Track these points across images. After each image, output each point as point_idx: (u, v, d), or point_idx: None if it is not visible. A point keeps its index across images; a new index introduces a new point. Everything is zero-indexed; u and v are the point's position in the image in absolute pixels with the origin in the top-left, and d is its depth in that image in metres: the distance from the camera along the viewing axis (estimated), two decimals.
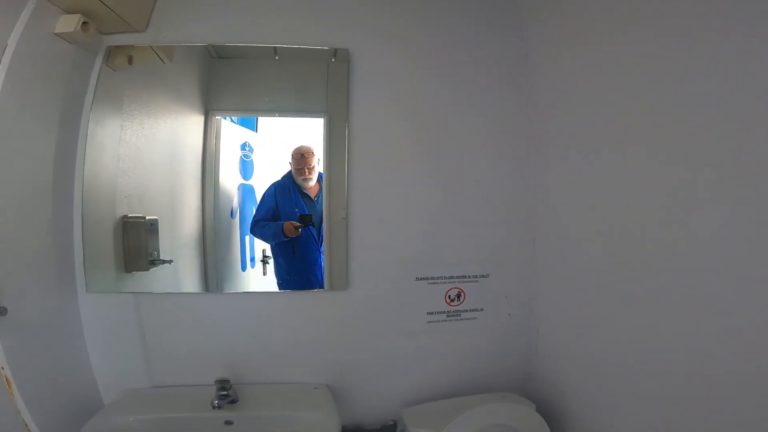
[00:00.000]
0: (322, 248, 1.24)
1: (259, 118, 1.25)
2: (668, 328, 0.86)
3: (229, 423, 1.05)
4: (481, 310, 1.35)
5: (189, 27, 1.19)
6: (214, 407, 1.03)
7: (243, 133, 1.24)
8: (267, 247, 1.25)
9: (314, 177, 1.23)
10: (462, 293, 1.33)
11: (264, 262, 1.26)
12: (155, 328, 1.16)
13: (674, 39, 0.82)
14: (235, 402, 1.08)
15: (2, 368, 0.78)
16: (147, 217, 1.13)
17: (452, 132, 1.30)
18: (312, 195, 1.24)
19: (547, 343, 1.32)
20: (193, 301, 1.20)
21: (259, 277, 1.26)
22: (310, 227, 1.24)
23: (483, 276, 1.34)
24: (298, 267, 1.27)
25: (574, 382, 1.18)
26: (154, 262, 1.13)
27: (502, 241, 1.35)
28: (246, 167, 1.24)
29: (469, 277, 1.33)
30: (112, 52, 1.14)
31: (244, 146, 1.24)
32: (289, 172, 1.23)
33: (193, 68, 1.23)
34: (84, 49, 1.07)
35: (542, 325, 1.34)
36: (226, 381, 1.06)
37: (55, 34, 0.94)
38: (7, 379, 0.79)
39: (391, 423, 1.28)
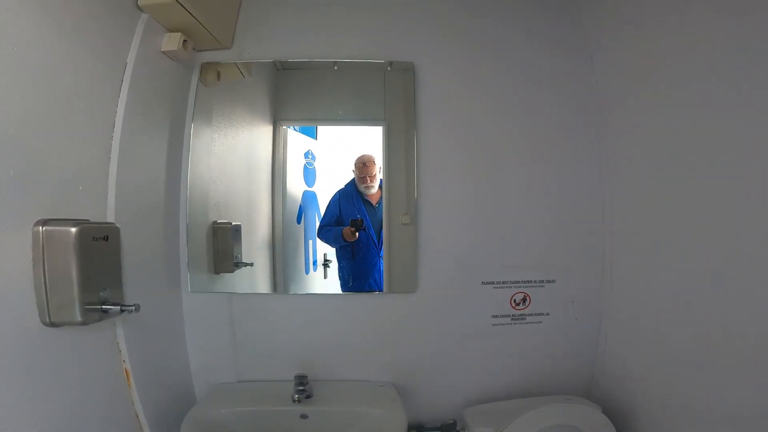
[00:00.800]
0: (381, 252, 1.30)
1: (318, 126, 1.33)
2: (750, 331, 0.85)
3: (304, 417, 1.15)
4: (547, 314, 1.36)
5: (266, 44, 1.29)
6: (294, 401, 1.14)
7: (306, 142, 1.32)
8: (328, 251, 1.33)
9: (376, 185, 1.30)
10: (527, 297, 1.34)
11: (325, 265, 1.34)
12: (243, 326, 1.29)
13: None
14: (310, 397, 1.18)
15: (124, 361, 0.92)
16: (233, 223, 1.26)
17: (518, 142, 1.34)
18: (373, 202, 1.31)
19: (616, 347, 1.32)
20: (275, 302, 1.31)
21: (320, 280, 1.34)
22: (371, 232, 1.31)
23: (549, 281, 1.35)
24: (358, 270, 1.34)
25: (646, 385, 1.18)
26: (238, 264, 1.26)
27: (570, 248, 1.36)
28: (309, 174, 1.32)
29: (535, 282, 1.34)
30: (204, 69, 1.26)
31: (307, 154, 1.33)
32: (353, 180, 1.31)
33: (263, 81, 1.32)
34: (183, 66, 1.19)
35: (612, 329, 1.33)
36: (304, 377, 1.16)
37: (161, 52, 1.05)
38: (127, 372, 0.93)
39: (451, 422, 1.31)
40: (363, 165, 1.29)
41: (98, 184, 0.85)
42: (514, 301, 1.34)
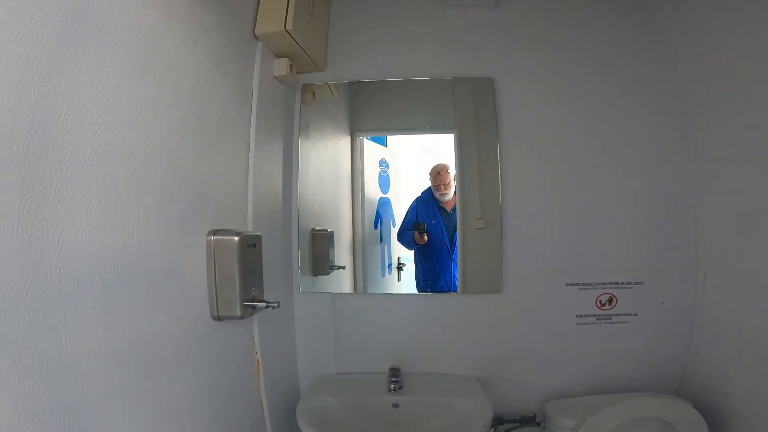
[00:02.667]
0: (455, 256, 1.43)
1: (387, 136, 1.49)
2: None
3: (395, 406, 1.30)
4: (635, 314, 1.42)
5: (354, 64, 1.47)
6: (390, 391, 1.30)
7: (380, 150, 1.48)
8: (402, 254, 1.49)
9: (450, 192, 1.43)
10: (614, 298, 1.41)
11: (399, 269, 1.50)
12: (343, 322, 1.47)
13: None
14: (401, 388, 1.33)
15: (257, 352, 1.11)
16: (328, 229, 1.45)
17: (603, 148, 1.43)
18: (448, 208, 1.45)
19: (709, 348, 1.36)
20: (370, 301, 1.49)
21: (394, 282, 1.50)
22: (444, 237, 1.45)
23: (637, 283, 1.42)
24: (430, 272, 1.48)
25: (739, 386, 1.23)
26: (332, 267, 1.45)
27: (659, 251, 1.42)
28: (384, 182, 1.48)
29: (621, 283, 1.42)
30: (303, 89, 1.45)
31: (381, 162, 1.47)
32: (429, 188, 1.45)
33: (342, 95, 1.49)
34: (289, 88, 1.38)
35: (704, 331, 1.38)
36: (398, 369, 1.33)
37: (273, 76, 1.23)
38: (257, 362, 1.12)
39: (531, 415, 1.40)
40: (437, 174, 1.43)
41: (241, 197, 1.05)
42: (600, 301, 1.42)
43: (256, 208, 1.09)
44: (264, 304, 0.94)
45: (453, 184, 1.42)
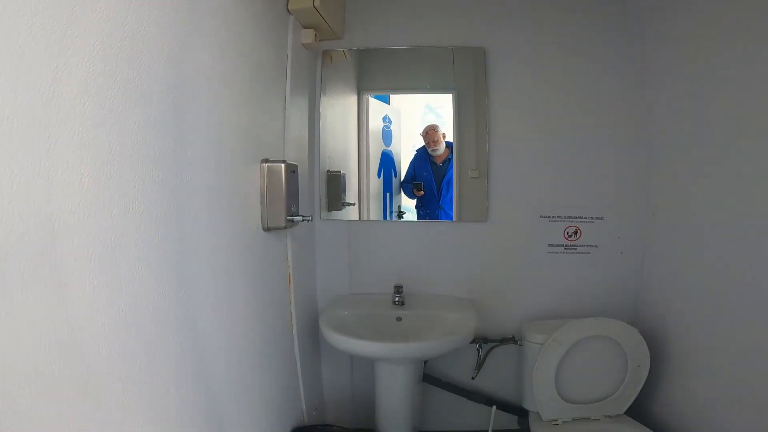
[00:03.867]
0: (441, 202, 1.77)
1: (390, 95, 1.78)
2: None
3: (399, 319, 1.65)
4: (596, 246, 1.76)
5: (368, 33, 1.75)
6: (394, 303, 1.64)
7: (383, 107, 1.76)
8: (402, 204, 1.81)
9: (440, 147, 1.75)
10: (579, 230, 1.75)
11: (399, 216, 1.82)
12: (355, 246, 1.81)
13: None
14: (403, 304, 1.67)
15: (288, 267, 1.43)
16: (341, 171, 1.76)
17: (575, 105, 1.73)
18: (438, 162, 1.77)
19: (656, 279, 1.69)
20: (378, 226, 1.82)
21: None
22: (432, 186, 1.78)
23: (598, 218, 1.75)
24: (421, 216, 1.82)
25: (682, 316, 1.50)
26: (344, 204, 1.77)
27: (618, 190, 1.75)
28: (386, 136, 1.76)
29: (585, 218, 1.75)
30: (324, 55, 1.74)
31: (384, 119, 1.75)
32: (424, 146, 1.77)
33: (352, 58, 1.77)
34: (313, 54, 1.67)
35: (653, 264, 1.71)
36: (401, 286, 1.67)
37: (302, 44, 1.51)
38: (289, 276, 1.44)
39: (510, 336, 1.72)
40: (426, 133, 1.75)
41: (279, 138, 1.35)
42: (567, 233, 1.75)
43: (289, 148, 1.39)
44: (301, 217, 1.25)
45: (442, 141, 1.74)
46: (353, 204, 1.79)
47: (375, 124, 1.76)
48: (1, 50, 0.45)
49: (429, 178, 1.78)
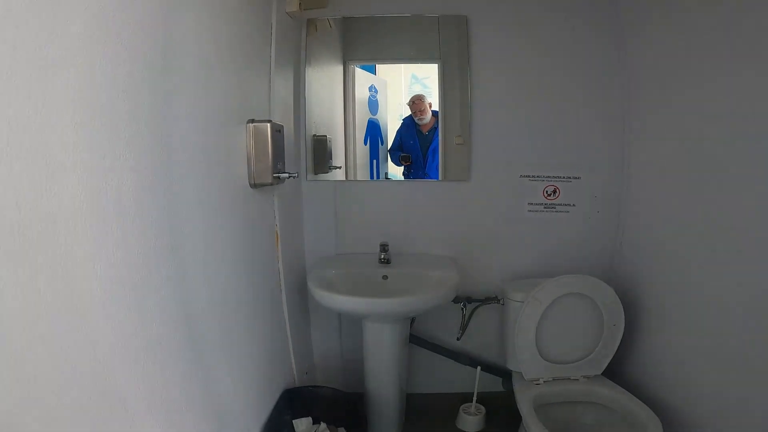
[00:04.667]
0: (426, 169, 1.84)
1: (376, 65, 1.80)
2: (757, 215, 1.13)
3: (385, 278, 1.72)
4: (573, 205, 1.85)
5: (352, 1, 1.77)
6: (380, 261, 1.72)
7: (369, 78, 1.80)
8: (389, 171, 1.87)
9: (427, 116, 1.80)
10: (557, 190, 1.84)
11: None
12: (342, 206, 1.87)
13: None
14: (389, 263, 1.75)
15: (276, 225, 1.49)
16: (327, 135, 1.81)
17: (554, 71, 1.79)
18: (424, 130, 1.83)
19: (631, 239, 1.78)
20: (365, 185, 1.87)
21: None
22: (418, 154, 1.85)
23: (575, 177, 1.83)
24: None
25: (657, 271, 1.58)
26: (330, 167, 1.83)
27: (594, 151, 1.83)
28: (372, 105, 1.81)
29: (563, 177, 1.83)
30: (308, 23, 1.75)
31: (371, 88, 1.80)
32: (411, 114, 1.82)
33: (337, 28, 1.80)
34: (297, 22, 1.69)
35: (628, 223, 1.80)
36: (386, 244, 1.74)
37: (286, 12, 1.52)
38: (276, 235, 1.50)
39: (493, 296, 1.79)
40: (413, 102, 1.80)
41: (265, 101, 1.39)
42: (546, 192, 1.84)
43: (275, 111, 1.44)
44: (287, 174, 1.30)
45: (428, 110, 1.79)
46: (339, 167, 1.84)
47: (361, 93, 1.81)
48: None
49: (415, 146, 1.84)
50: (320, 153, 1.83)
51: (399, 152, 1.84)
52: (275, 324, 1.49)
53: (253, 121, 1.22)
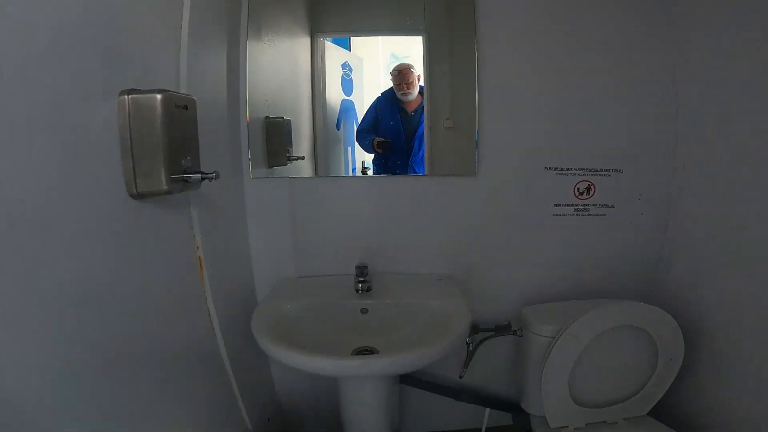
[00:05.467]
0: (411, 161, 1.40)
1: (351, 38, 1.43)
2: None
3: (364, 311, 1.27)
4: (612, 206, 1.42)
5: None
6: (357, 292, 1.25)
7: (343, 54, 1.42)
8: (365, 159, 1.43)
9: (413, 92, 1.36)
10: (592, 186, 1.39)
11: (363, 172, 1.45)
12: (302, 213, 1.39)
13: None
14: (369, 290, 1.29)
15: (198, 248, 1.01)
16: (284, 117, 1.36)
17: (585, 42, 1.35)
18: (409, 109, 1.38)
19: (685, 248, 1.38)
20: (331, 185, 1.40)
21: None
22: (402, 138, 1.40)
23: (616, 171, 1.39)
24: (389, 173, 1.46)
25: (718, 292, 1.24)
26: (290, 158, 1.37)
27: (640, 138, 1.40)
28: (347, 85, 1.42)
29: (600, 170, 1.39)
30: None
31: (344, 66, 1.42)
32: (391, 88, 1.38)
33: None
34: None
35: (679, 227, 1.39)
36: (365, 267, 1.27)
37: None
38: (200, 261, 1.03)
39: (506, 323, 1.38)
40: (398, 73, 1.36)
41: (170, 68, 0.90)
42: (578, 189, 1.40)
43: (194, 85, 0.95)
44: (199, 175, 0.83)
45: (417, 84, 1.36)
46: (302, 157, 1.38)
47: (333, 71, 1.43)
48: None
49: (397, 128, 1.40)
50: (276, 139, 1.37)
51: (373, 135, 1.40)
52: (211, 374, 1.12)
53: (132, 92, 0.73)
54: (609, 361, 1.23)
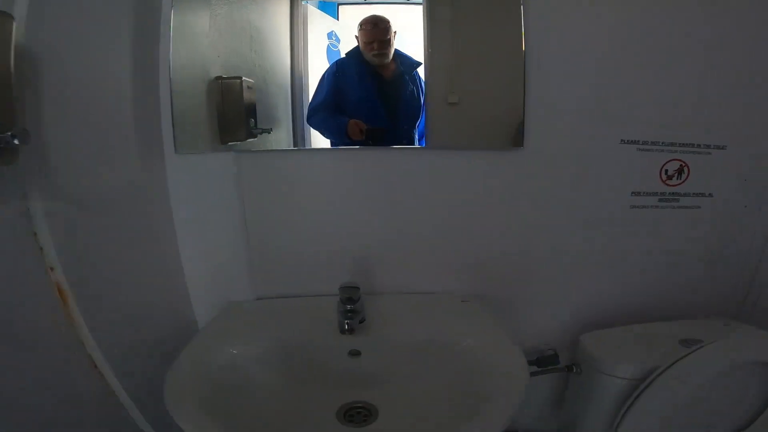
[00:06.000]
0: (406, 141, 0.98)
1: (339, 5, 1.08)
2: None
3: (355, 354, 0.83)
4: (709, 195, 1.02)
5: None
6: (343, 332, 0.80)
7: (329, 22, 1.10)
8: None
9: (390, 52, 0.98)
10: (685, 168, 0.98)
11: None
12: (257, 206, 0.94)
13: None
14: (362, 322, 0.84)
15: (51, 269, 0.54)
16: (244, 78, 0.92)
17: None
18: (386, 74, 0.97)
19: None
20: (299, 161, 0.95)
21: None
22: (380, 114, 0.97)
23: (718, 147, 0.98)
24: None
25: None
26: (254, 130, 0.93)
27: (755, 104, 0.97)
28: (333, 56, 1.08)
29: (697, 146, 0.97)
30: None
31: (330, 35, 1.10)
32: (356, 48, 0.98)
33: None
34: None
35: None
36: (355, 288, 0.81)
37: None
38: (60, 289, 0.56)
39: (551, 353, 1.04)
40: (373, 26, 0.97)
41: None
42: (666, 172, 0.98)
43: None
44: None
45: (393, 43, 0.97)
46: (269, 130, 0.94)
47: (317, 40, 1.09)
48: None
49: (370, 100, 0.99)
50: (233, 107, 0.93)
51: (343, 117, 0.97)
52: None
53: None
54: (710, 401, 0.90)
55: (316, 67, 1.01)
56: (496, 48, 0.92)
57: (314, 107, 0.96)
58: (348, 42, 1.04)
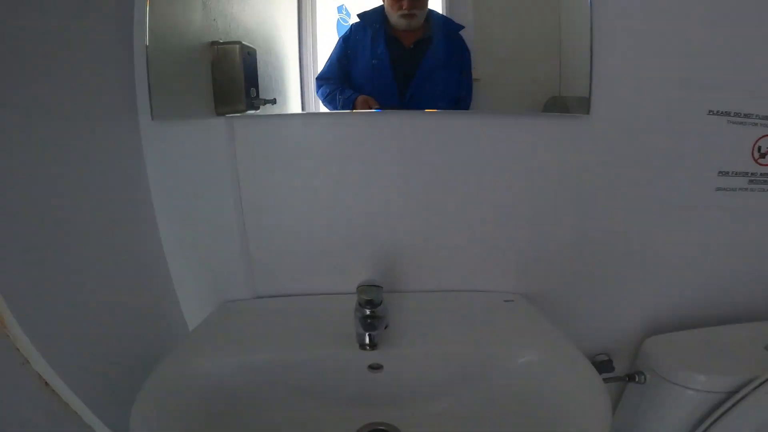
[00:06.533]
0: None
1: None
2: None
3: (375, 368, 0.68)
4: None
5: None
6: (363, 346, 0.64)
7: None
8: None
9: (422, 15, 0.79)
10: None
11: None
12: (256, 186, 0.78)
13: None
14: (386, 327, 0.69)
15: None
16: (243, 43, 0.79)
17: None
18: (407, 42, 0.80)
19: None
20: (307, 129, 0.79)
21: None
22: (391, 89, 0.79)
23: None
24: None
25: None
26: (255, 101, 0.79)
27: None
28: (343, 31, 0.98)
29: None
30: None
31: (340, 9, 0.99)
32: (380, 8, 0.81)
33: None
34: None
35: None
36: (377, 288, 0.65)
37: None
38: None
39: (604, 359, 0.94)
40: None
41: None
42: (759, 149, 0.83)
43: None
44: None
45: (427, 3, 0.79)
46: (273, 101, 0.80)
47: (327, 13, 0.98)
48: None
49: (382, 70, 0.82)
50: (229, 74, 0.81)
51: (349, 91, 0.81)
52: None
53: None
54: None
55: (325, 38, 0.87)
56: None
57: (320, 78, 0.80)
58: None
